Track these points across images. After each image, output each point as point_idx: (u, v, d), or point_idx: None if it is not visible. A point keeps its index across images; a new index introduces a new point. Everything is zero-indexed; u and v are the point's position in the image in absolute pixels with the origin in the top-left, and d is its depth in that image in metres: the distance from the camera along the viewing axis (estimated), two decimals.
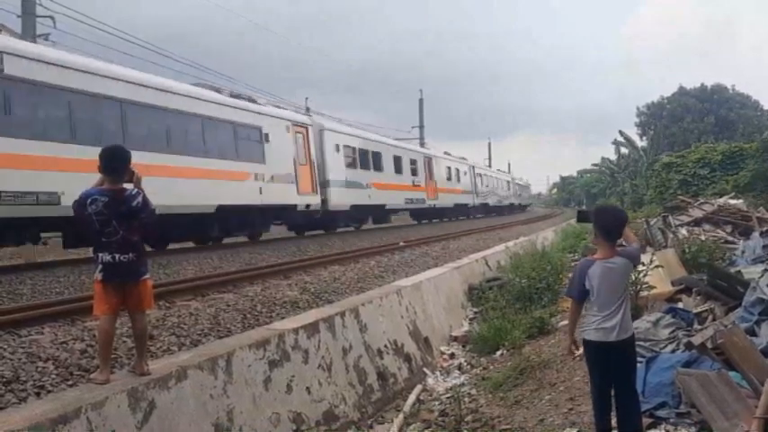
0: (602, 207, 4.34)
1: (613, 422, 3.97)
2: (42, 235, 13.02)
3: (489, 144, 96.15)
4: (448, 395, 7.03)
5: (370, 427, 6.29)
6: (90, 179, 4.58)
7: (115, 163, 4.42)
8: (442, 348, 9.03)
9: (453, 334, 9.67)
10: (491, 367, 7.82)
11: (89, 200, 4.29)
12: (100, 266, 4.30)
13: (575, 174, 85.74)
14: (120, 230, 4.29)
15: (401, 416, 6.37)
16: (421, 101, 47.81)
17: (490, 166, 62.71)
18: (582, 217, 4.98)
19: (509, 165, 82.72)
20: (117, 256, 4.28)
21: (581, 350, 4.10)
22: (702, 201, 17.74)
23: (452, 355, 8.84)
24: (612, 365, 3.85)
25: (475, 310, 10.90)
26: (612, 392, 3.90)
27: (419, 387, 7.37)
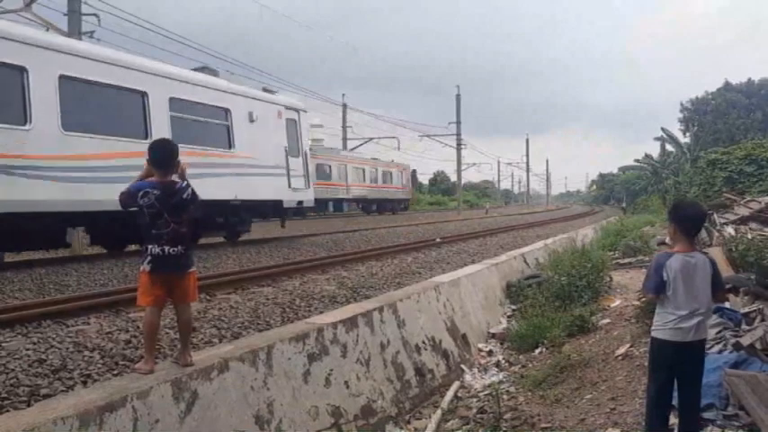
0: (681, 202, 4.25)
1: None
2: None
3: (527, 140, 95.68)
4: (486, 392, 6.97)
5: (408, 422, 6.28)
6: None
7: (167, 156, 4.44)
8: (480, 345, 8.96)
9: (491, 331, 9.59)
10: (530, 365, 7.73)
11: (140, 192, 4.29)
12: (148, 258, 4.31)
13: (615, 170, 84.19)
14: (171, 223, 4.31)
15: (439, 412, 6.35)
16: (458, 97, 47.74)
17: (528, 165, 61.06)
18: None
19: (547, 161, 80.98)
20: (167, 248, 4.30)
21: None
22: (749, 199, 17.27)
23: (490, 353, 8.76)
24: (680, 365, 3.73)
25: (513, 307, 10.78)
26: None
27: (457, 383, 7.33)
